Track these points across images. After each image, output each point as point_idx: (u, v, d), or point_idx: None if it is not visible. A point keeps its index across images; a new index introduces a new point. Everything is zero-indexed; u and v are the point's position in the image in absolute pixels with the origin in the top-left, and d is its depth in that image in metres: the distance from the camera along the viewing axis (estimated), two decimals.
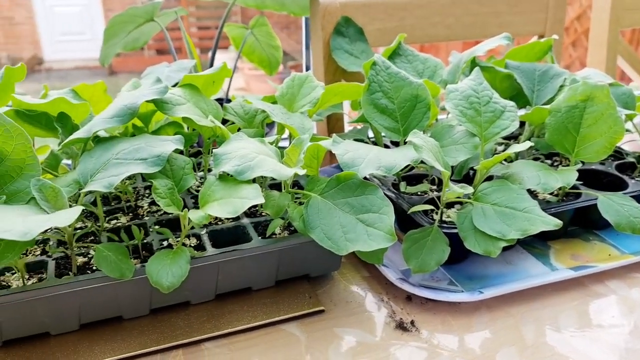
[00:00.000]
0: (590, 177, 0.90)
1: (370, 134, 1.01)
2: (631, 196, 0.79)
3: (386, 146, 0.97)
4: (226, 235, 0.73)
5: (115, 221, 0.76)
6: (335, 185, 0.67)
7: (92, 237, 0.72)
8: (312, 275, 0.77)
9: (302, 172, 0.63)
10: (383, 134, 0.81)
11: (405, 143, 0.82)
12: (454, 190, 0.69)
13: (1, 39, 6.66)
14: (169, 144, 0.63)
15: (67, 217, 0.53)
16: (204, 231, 0.72)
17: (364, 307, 0.72)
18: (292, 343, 0.66)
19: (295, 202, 0.70)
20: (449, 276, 0.76)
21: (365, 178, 0.67)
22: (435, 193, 0.84)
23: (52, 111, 0.70)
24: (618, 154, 0.98)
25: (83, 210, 0.69)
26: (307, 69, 1.52)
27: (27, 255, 0.68)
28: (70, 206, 0.61)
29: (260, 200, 0.58)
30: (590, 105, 0.77)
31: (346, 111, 1.08)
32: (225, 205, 0.58)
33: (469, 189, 0.71)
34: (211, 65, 1.11)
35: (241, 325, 0.67)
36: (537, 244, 0.85)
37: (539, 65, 0.93)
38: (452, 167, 0.77)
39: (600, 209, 0.76)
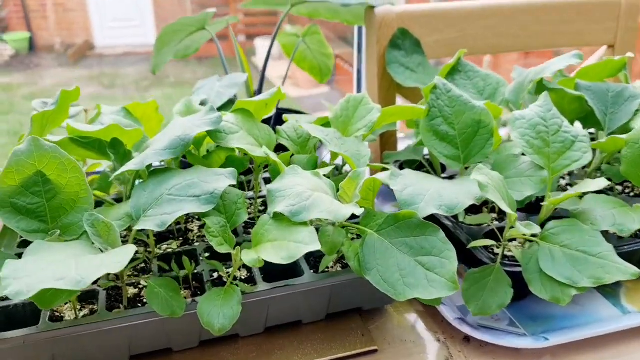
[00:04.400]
0: None
1: (426, 151, 0.96)
2: None
3: (443, 167, 0.93)
4: (277, 265, 0.71)
5: (165, 247, 0.74)
6: (392, 223, 0.63)
7: (144, 265, 0.71)
8: (365, 309, 0.74)
9: (359, 211, 0.60)
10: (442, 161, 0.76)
11: (466, 169, 0.77)
12: (519, 229, 0.65)
13: (54, 25, 6.83)
14: (222, 180, 0.61)
15: (119, 261, 0.52)
16: None
17: (420, 347, 0.69)
18: None
19: (349, 236, 0.67)
20: (510, 315, 0.72)
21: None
22: (496, 223, 0.80)
23: (106, 137, 0.69)
24: None
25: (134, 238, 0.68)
26: (359, 72, 1.48)
27: None
28: (123, 241, 0.60)
29: (316, 246, 0.55)
30: None
31: (398, 126, 1.04)
32: (280, 249, 0.56)
33: (536, 229, 0.66)
34: (262, 76, 1.09)
35: None
36: None
37: (612, 85, 0.87)
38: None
39: None
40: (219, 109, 0.89)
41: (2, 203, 0.57)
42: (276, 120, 1.05)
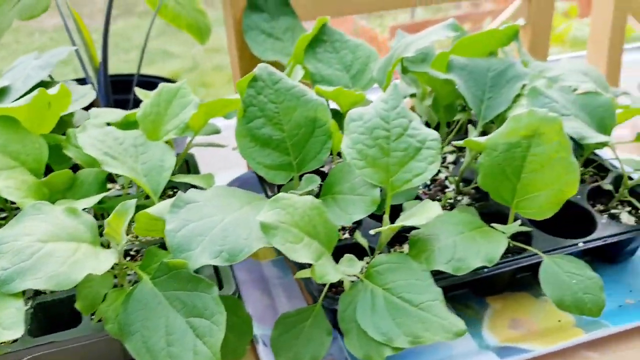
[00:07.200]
0: None
1: None
2: (595, 246, 0.62)
3: None
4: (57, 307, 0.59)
5: None
6: (166, 271, 0.50)
7: None
8: None
9: (106, 265, 0.47)
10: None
11: (300, 179, 0.63)
12: (339, 270, 0.52)
13: None
14: None
15: None
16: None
17: None
18: None
19: (126, 277, 0.54)
20: (346, 353, 0.61)
21: None
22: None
23: None
24: (600, 170, 0.77)
25: None
26: None
27: None
28: None
29: (19, 332, 0.42)
30: (536, 145, 0.56)
31: None
32: None
33: (357, 267, 0.53)
34: (105, 41, 0.92)
35: None
36: (472, 302, 0.67)
37: (495, 62, 0.71)
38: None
39: (541, 279, 0.58)
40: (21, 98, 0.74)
41: None
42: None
